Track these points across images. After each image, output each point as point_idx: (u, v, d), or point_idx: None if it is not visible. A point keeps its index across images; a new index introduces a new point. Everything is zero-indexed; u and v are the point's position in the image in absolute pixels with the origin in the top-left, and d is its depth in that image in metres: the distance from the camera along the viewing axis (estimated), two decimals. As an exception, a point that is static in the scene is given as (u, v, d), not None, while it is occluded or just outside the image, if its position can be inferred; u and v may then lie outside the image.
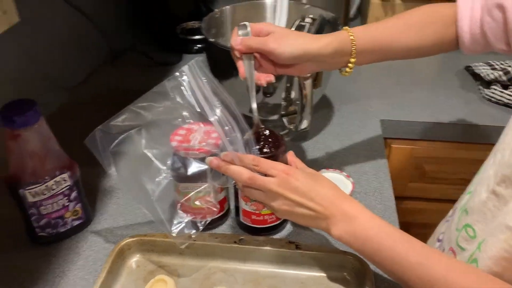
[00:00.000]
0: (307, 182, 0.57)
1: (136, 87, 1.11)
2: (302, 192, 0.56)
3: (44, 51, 0.96)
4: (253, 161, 0.58)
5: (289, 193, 0.56)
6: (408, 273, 0.51)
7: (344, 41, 0.65)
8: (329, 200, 0.56)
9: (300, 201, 0.56)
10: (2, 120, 0.59)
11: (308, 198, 0.56)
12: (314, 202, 0.56)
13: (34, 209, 0.66)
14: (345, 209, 0.55)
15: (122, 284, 0.64)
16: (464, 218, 0.65)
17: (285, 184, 0.56)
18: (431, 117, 0.98)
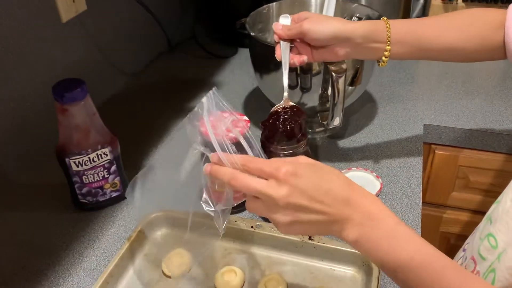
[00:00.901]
0: (310, 178, 0.46)
1: (191, 77, 1.19)
2: (305, 193, 0.45)
3: (108, 38, 1.06)
4: (241, 160, 0.49)
5: (287, 197, 0.45)
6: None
7: (379, 27, 0.66)
8: (342, 199, 0.46)
9: (304, 204, 0.45)
10: (54, 95, 0.67)
11: (315, 199, 0.45)
12: (323, 204, 0.45)
13: (77, 178, 0.73)
14: (365, 208, 0.46)
15: (145, 253, 0.70)
16: (488, 227, 0.63)
17: (280, 184, 0.46)
18: (478, 125, 0.94)
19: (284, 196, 0.45)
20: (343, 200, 0.46)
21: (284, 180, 0.46)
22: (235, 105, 1.05)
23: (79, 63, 0.97)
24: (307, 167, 0.47)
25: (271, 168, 0.46)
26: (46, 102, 0.87)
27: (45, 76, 0.88)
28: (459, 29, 0.67)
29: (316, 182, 0.46)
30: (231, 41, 1.32)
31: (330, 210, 0.46)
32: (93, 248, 0.71)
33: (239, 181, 0.48)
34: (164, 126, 0.99)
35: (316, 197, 0.46)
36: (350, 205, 0.46)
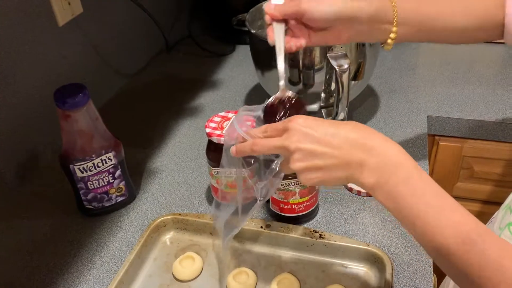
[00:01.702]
0: (320, 125, 0.48)
1: (190, 76, 1.18)
2: (313, 137, 0.47)
3: (105, 40, 1.04)
4: (260, 130, 0.53)
5: (296, 142, 0.48)
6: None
7: (385, 6, 0.59)
8: (353, 141, 0.47)
9: (313, 148, 0.47)
10: (55, 101, 0.66)
11: (323, 142, 0.47)
12: (332, 147, 0.47)
13: (82, 184, 0.72)
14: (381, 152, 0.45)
15: (155, 257, 0.69)
16: (508, 216, 0.63)
17: (290, 134, 0.48)
18: (483, 115, 0.94)
19: (293, 142, 0.48)
20: (354, 143, 0.46)
21: (294, 130, 0.48)
22: (236, 104, 1.05)
23: (76, 66, 0.96)
24: (319, 119, 0.49)
25: (284, 124, 0.50)
26: (45, 106, 0.86)
27: (43, 80, 0.87)
28: (463, 5, 0.64)
29: (325, 127, 0.48)
30: (228, 38, 1.31)
31: (339, 152, 0.47)
32: (101, 254, 0.70)
33: (259, 145, 0.51)
34: (165, 127, 0.98)
35: (324, 140, 0.47)
36: (363, 148, 0.46)
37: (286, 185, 0.67)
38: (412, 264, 0.65)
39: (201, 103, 1.06)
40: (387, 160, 0.45)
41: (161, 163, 0.88)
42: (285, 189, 0.68)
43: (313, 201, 0.71)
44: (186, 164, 0.87)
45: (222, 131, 0.68)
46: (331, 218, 0.73)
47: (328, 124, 0.48)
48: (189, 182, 0.83)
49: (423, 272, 0.64)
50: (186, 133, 0.96)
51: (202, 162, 0.87)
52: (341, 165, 0.47)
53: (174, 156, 0.90)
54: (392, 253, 0.66)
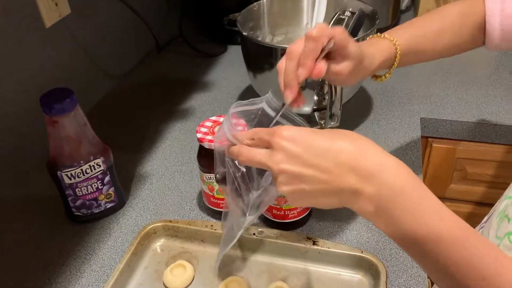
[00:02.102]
0: (308, 141, 0.41)
1: (181, 77, 1.16)
2: (298, 158, 0.41)
3: (93, 41, 1.02)
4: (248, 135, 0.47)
5: (279, 163, 0.42)
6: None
7: (391, 55, 0.63)
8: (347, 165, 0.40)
9: (298, 171, 0.41)
10: (42, 107, 0.64)
11: (310, 165, 0.41)
12: (320, 170, 0.40)
13: (70, 190, 0.71)
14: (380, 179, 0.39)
15: (145, 266, 0.68)
16: (506, 225, 0.62)
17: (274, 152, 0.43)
18: (476, 117, 0.94)
19: (276, 163, 0.42)
20: (346, 166, 0.40)
21: (278, 147, 0.42)
22: (228, 106, 1.03)
23: (64, 68, 0.94)
24: (310, 131, 0.42)
25: (268, 135, 0.43)
26: (32, 110, 0.84)
27: (30, 83, 0.85)
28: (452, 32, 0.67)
29: (312, 144, 0.41)
30: (219, 38, 1.30)
31: (328, 177, 0.40)
32: (90, 263, 0.69)
33: (243, 155, 0.46)
34: (156, 130, 0.96)
35: (310, 162, 0.40)
36: (356, 173, 0.39)
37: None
38: (406, 271, 0.64)
39: (192, 105, 1.04)
40: (385, 188, 0.39)
41: (152, 168, 0.86)
42: (278, 195, 0.67)
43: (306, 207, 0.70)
44: (177, 169, 0.86)
45: (213, 136, 0.67)
46: (324, 223, 0.72)
47: (316, 139, 0.42)
48: (180, 187, 0.81)
49: (417, 278, 0.63)
50: (177, 136, 0.94)
51: (193, 167, 0.86)
52: (332, 191, 0.41)
53: (164, 160, 0.88)
54: (386, 259, 0.65)
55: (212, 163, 0.68)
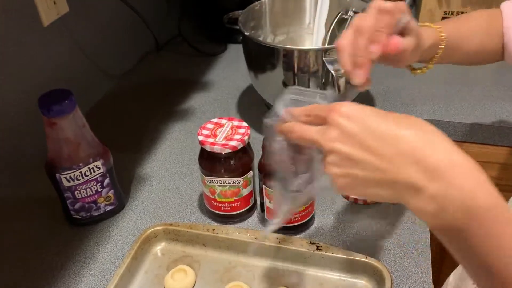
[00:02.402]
0: (369, 121, 0.36)
1: (181, 77, 1.15)
2: (355, 138, 0.36)
3: (92, 40, 1.01)
4: (304, 111, 0.42)
5: (332, 141, 0.37)
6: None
7: (436, 39, 0.61)
8: (410, 154, 0.34)
9: (352, 153, 0.36)
10: (40, 108, 0.62)
11: (367, 147, 0.36)
12: (378, 155, 0.35)
13: (69, 193, 0.69)
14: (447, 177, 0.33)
15: (146, 270, 0.66)
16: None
17: (329, 129, 0.38)
18: (478, 119, 0.93)
19: (328, 140, 0.37)
20: (411, 157, 0.34)
21: (334, 123, 0.37)
22: (228, 106, 1.02)
23: (63, 68, 0.92)
24: (373, 111, 0.37)
25: (326, 111, 0.38)
26: (30, 111, 0.83)
27: (28, 83, 0.83)
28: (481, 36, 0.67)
29: (375, 126, 0.36)
30: (219, 37, 1.28)
31: (386, 166, 0.35)
32: (89, 267, 0.68)
33: (295, 131, 0.42)
34: (156, 131, 0.95)
35: (368, 144, 0.35)
36: (420, 164, 0.34)
37: (281, 195, 0.65)
38: (411, 276, 0.63)
39: (192, 106, 1.03)
40: (454, 188, 0.33)
41: (151, 169, 0.85)
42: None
43: (309, 210, 0.69)
44: (177, 170, 0.84)
45: (215, 138, 0.66)
46: (327, 227, 0.71)
47: (379, 120, 0.36)
48: (181, 189, 0.80)
49: (422, 284, 0.62)
50: (177, 137, 0.93)
51: (194, 168, 0.85)
52: (386, 182, 0.35)
53: (164, 162, 0.87)
54: (391, 264, 0.64)
55: (213, 166, 0.67)
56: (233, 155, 0.66)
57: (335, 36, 0.91)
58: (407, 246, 0.67)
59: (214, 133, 0.67)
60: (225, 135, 0.67)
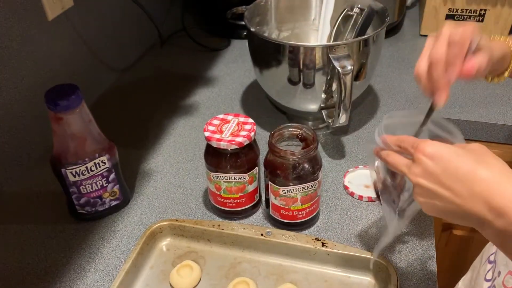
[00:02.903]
0: (448, 162, 0.43)
1: (184, 72, 1.14)
2: (435, 177, 0.43)
3: (96, 34, 1.00)
4: (395, 140, 0.50)
5: (417, 177, 0.45)
6: None
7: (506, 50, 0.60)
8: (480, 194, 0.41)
9: (433, 189, 0.44)
10: (47, 103, 0.62)
11: (444, 185, 0.43)
12: (453, 193, 0.42)
13: (74, 188, 0.69)
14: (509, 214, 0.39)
15: (151, 265, 0.67)
16: None
17: (415, 164, 0.45)
18: (483, 117, 0.93)
19: (414, 175, 0.45)
20: (482, 197, 0.41)
21: (419, 161, 0.45)
22: (232, 102, 1.02)
23: (66, 62, 0.92)
24: (453, 151, 0.43)
25: (412, 148, 0.46)
26: (34, 104, 0.83)
27: (32, 77, 0.83)
28: None
29: (453, 167, 0.42)
30: (223, 32, 1.28)
31: (461, 202, 0.42)
32: (95, 262, 0.68)
33: (389, 159, 0.50)
34: (159, 126, 0.95)
35: (446, 183, 0.43)
36: (489, 206, 0.40)
37: (287, 192, 0.65)
38: (416, 273, 0.63)
39: (196, 101, 1.03)
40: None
41: (156, 165, 0.85)
42: (286, 196, 0.66)
43: (314, 207, 0.69)
44: (182, 166, 0.84)
45: (221, 135, 0.66)
46: (332, 224, 0.71)
47: (457, 161, 0.43)
48: (185, 184, 0.80)
49: (427, 281, 0.62)
50: (181, 133, 0.93)
51: (199, 164, 0.85)
52: (461, 214, 0.43)
53: (169, 157, 0.87)
54: (396, 261, 0.65)
55: (219, 162, 0.67)
56: (239, 151, 0.66)
57: (340, 33, 0.91)
58: (412, 243, 0.67)
59: (220, 129, 0.67)
60: (231, 131, 0.67)
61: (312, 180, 0.65)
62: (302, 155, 0.63)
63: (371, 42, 0.79)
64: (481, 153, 0.43)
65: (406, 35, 1.25)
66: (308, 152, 0.64)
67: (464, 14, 1.16)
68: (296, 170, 0.64)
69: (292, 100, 0.86)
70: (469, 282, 0.74)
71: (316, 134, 0.65)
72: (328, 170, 0.81)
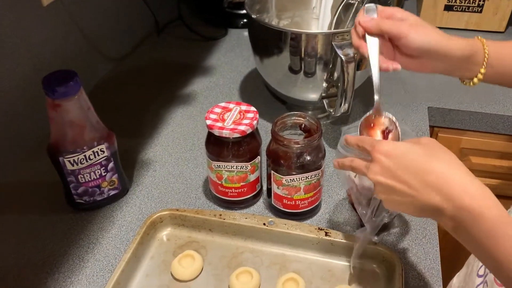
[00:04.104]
0: (403, 158, 0.46)
1: (181, 61, 1.13)
2: (391, 173, 0.47)
3: (91, 22, 0.98)
4: (355, 140, 0.53)
5: (376, 175, 0.48)
6: None
7: (478, 49, 0.58)
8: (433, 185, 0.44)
9: (390, 184, 0.47)
10: (44, 90, 0.60)
11: (400, 180, 0.46)
12: (408, 186, 0.46)
13: (72, 177, 0.68)
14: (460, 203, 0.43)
15: (152, 255, 0.66)
16: None
17: (372, 164, 0.49)
18: (483, 107, 0.93)
19: (373, 174, 0.48)
20: (435, 187, 0.44)
21: (376, 160, 0.48)
22: (231, 91, 1.01)
23: (61, 49, 0.90)
24: (407, 147, 0.47)
25: (370, 146, 0.49)
26: (29, 92, 0.81)
27: (26, 65, 0.81)
28: None
29: (407, 162, 0.46)
30: (219, 21, 1.26)
31: (417, 194, 0.45)
32: (94, 252, 0.66)
33: (353, 164, 0.53)
34: (157, 115, 0.93)
35: (402, 179, 0.46)
36: (442, 194, 0.44)
37: (290, 181, 0.64)
38: (420, 262, 0.63)
39: (194, 90, 1.01)
40: (465, 211, 0.43)
41: (154, 154, 0.84)
42: (289, 185, 0.65)
43: (317, 196, 0.68)
44: (181, 156, 0.83)
45: (223, 123, 0.65)
46: (334, 214, 0.71)
47: (411, 156, 0.46)
48: (185, 174, 0.79)
49: (431, 270, 0.62)
50: (180, 122, 0.91)
51: (198, 153, 0.83)
52: (417, 205, 0.46)
53: (167, 147, 0.85)
54: (399, 251, 0.64)
55: (221, 150, 0.66)
56: (241, 139, 0.65)
57: (341, 21, 0.90)
58: (415, 233, 0.67)
59: (222, 118, 0.66)
60: (233, 119, 0.66)
61: (316, 169, 0.64)
62: (305, 143, 0.63)
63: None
64: (432, 147, 0.47)
65: (404, 26, 1.25)
66: (312, 141, 0.63)
67: (463, 4, 1.16)
68: (299, 159, 0.63)
69: (292, 89, 0.85)
70: (463, 278, 0.75)
71: (320, 123, 0.65)
72: (328, 160, 0.80)
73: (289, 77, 0.82)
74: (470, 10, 1.17)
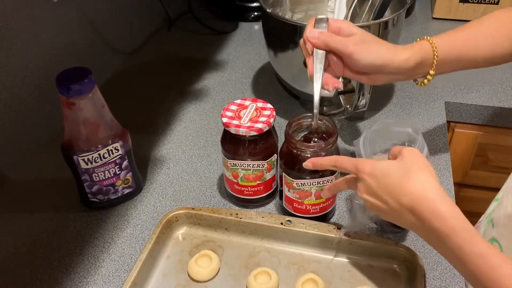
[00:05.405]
0: (383, 179, 0.51)
1: (192, 55, 1.11)
2: (374, 192, 0.52)
3: (102, 16, 0.97)
4: (330, 163, 0.57)
5: (361, 192, 0.53)
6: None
7: (427, 54, 0.59)
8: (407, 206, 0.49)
9: (373, 201, 0.52)
10: (58, 87, 0.59)
11: (381, 199, 0.51)
12: (388, 205, 0.51)
13: (86, 176, 0.67)
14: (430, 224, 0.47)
15: (168, 255, 0.65)
16: (490, 230, 0.62)
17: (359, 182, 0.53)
18: (501, 102, 0.90)
19: (360, 192, 0.53)
20: (408, 208, 0.49)
21: (361, 179, 0.53)
22: (243, 86, 0.99)
23: (73, 44, 0.89)
24: (386, 166, 0.51)
25: (354, 167, 0.54)
26: (41, 88, 0.80)
27: (37, 60, 0.80)
28: (494, 39, 0.63)
29: (385, 184, 0.50)
30: (230, 15, 1.24)
31: (394, 212, 0.51)
32: (109, 251, 0.66)
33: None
34: (169, 112, 0.92)
35: (382, 198, 0.51)
36: (415, 214, 0.48)
37: (301, 185, 0.63)
38: (441, 263, 0.62)
39: (205, 85, 1.00)
40: (435, 232, 0.47)
41: (167, 151, 0.83)
42: (300, 189, 0.63)
43: (329, 202, 0.66)
44: (195, 152, 0.82)
45: (240, 121, 0.63)
46: (348, 220, 0.69)
47: (388, 180, 0.50)
48: (199, 172, 0.78)
49: (453, 270, 0.61)
50: (192, 118, 0.90)
51: (212, 150, 0.82)
52: (397, 220, 0.52)
53: (180, 144, 0.84)
54: (420, 251, 0.63)
55: (237, 149, 0.65)
56: (258, 137, 0.64)
57: (356, 15, 0.88)
58: (436, 232, 0.65)
59: (238, 115, 0.65)
60: (249, 117, 0.64)
61: (329, 175, 0.62)
62: (320, 148, 0.61)
63: (391, 25, 0.77)
64: (410, 164, 0.50)
65: (419, 18, 1.22)
66: (327, 145, 0.61)
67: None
68: (314, 163, 0.62)
69: (307, 84, 0.83)
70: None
71: (337, 127, 0.63)
72: (345, 157, 0.79)
73: (304, 72, 0.80)
74: (486, 1, 1.14)
